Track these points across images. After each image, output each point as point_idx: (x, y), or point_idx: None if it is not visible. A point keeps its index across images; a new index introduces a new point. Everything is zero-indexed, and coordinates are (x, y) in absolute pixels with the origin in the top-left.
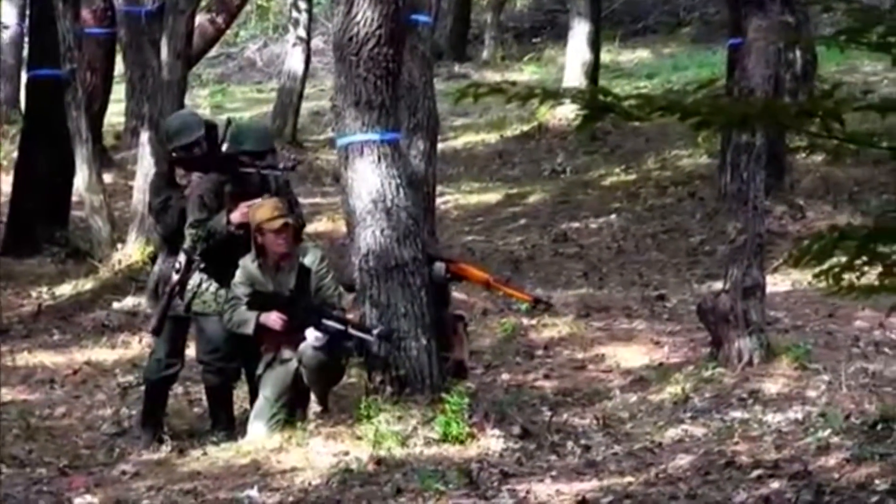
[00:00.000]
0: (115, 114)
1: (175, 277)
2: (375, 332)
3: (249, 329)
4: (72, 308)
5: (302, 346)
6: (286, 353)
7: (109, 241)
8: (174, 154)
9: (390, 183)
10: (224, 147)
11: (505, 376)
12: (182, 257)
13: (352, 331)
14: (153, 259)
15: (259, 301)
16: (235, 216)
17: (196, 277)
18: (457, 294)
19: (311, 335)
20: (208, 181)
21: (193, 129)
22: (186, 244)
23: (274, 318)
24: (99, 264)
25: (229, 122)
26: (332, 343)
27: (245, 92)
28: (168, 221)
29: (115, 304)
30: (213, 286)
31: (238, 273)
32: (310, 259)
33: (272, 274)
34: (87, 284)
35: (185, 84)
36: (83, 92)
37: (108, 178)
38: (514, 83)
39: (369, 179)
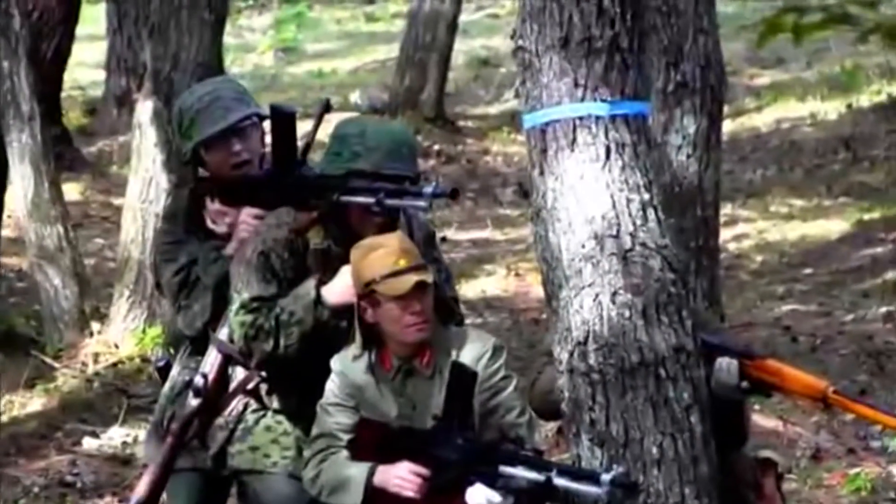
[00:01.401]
0: (86, 65)
1: (193, 402)
2: (607, 476)
3: (355, 498)
4: (2, 450)
5: None
6: None
7: (76, 319)
8: (198, 168)
9: (630, 200)
10: (311, 158)
11: None
12: (213, 359)
13: (559, 480)
14: (161, 369)
15: (371, 440)
16: (334, 291)
17: (239, 403)
18: (759, 418)
19: (481, 497)
20: (277, 224)
21: (230, 107)
22: (231, 335)
23: (402, 476)
24: (55, 363)
25: (328, 105)
26: None
27: (342, 20)
28: (194, 309)
29: (88, 442)
30: (277, 421)
31: (331, 385)
32: (472, 354)
33: (397, 385)
34: (33, 403)
35: (222, 7)
36: (24, 22)
37: (73, 189)
38: (872, 3)
39: (588, 192)
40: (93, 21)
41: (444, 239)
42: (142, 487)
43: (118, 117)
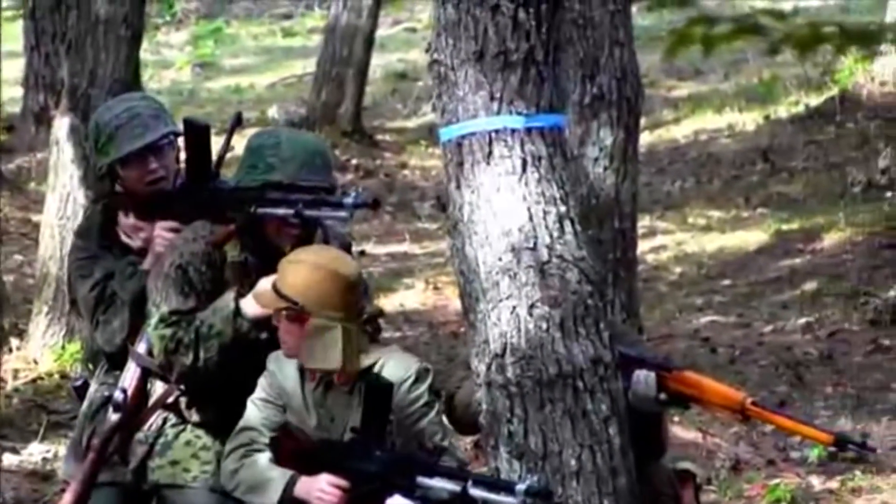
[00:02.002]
0: (4, 82)
1: (113, 417)
2: (522, 486)
3: (271, 500)
4: None
5: None
6: None
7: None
8: (114, 184)
9: (547, 213)
10: (224, 173)
11: None
12: (132, 374)
13: (475, 491)
14: (79, 388)
15: (290, 450)
16: (253, 302)
17: (158, 418)
18: (679, 430)
19: None
20: (194, 238)
21: (148, 125)
22: (150, 349)
23: (323, 489)
24: None
25: (239, 118)
26: None
27: (259, 35)
28: (113, 325)
29: (7, 458)
30: (197, 435)
31: (263, 380)
32: (395, 376)
33: (318, 396)
34: None
35: (139, 23)
36: None
37: None
38: (783, 15)
39: (505, 206)
40: (10, 38)
41: (362, 253)
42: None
43: (36, 134)
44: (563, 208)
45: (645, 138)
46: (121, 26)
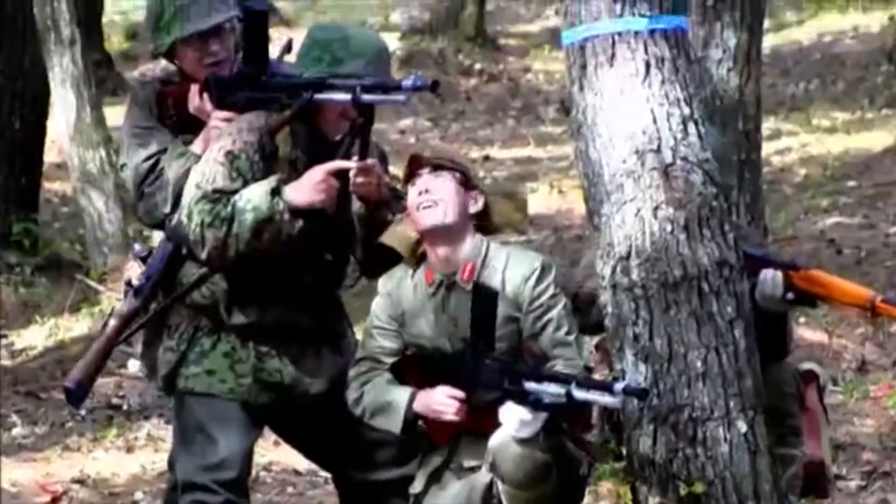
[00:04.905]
0: None
1: (132, 301)
2: (620, 386)
3: (395, 424)
4: (48, 373)
5: (495, 438)
6: (467, 459)
7: (120, 242)
8: (175, 63)
9: (671, 115)
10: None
11: None
12: (161, 256)
13: (578, 393)
14: (144, 259)
15: (408, 366)
16: (296, 187)
17: (189, 326)
18: (805, 331)
19: (513, 415)
20: (248, 129)
21: (214, 6)
22: (183, 228)
23: (441, 401)
24: (100, 286)
25: (289, 46)
26: (553, 425)
27: None
28: (157, 198)
29: (133, 365)
30: (233, 347)
31: (375, 307)
32: (521, 273)
33: (438, 301)
34: (78, 326)
35: None
36: None
37: (116, 113)
38: None
39: (628, 108)
40: None
41: (486, 157)
42: (77, 372)
43: None
44: (686, 110)
45: (769, 40)
46: None
